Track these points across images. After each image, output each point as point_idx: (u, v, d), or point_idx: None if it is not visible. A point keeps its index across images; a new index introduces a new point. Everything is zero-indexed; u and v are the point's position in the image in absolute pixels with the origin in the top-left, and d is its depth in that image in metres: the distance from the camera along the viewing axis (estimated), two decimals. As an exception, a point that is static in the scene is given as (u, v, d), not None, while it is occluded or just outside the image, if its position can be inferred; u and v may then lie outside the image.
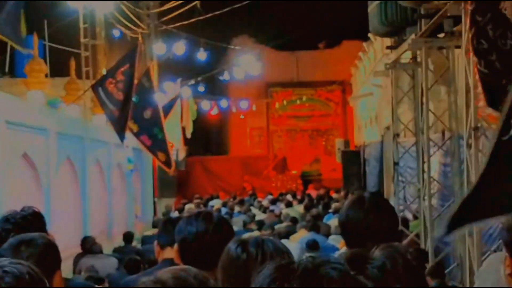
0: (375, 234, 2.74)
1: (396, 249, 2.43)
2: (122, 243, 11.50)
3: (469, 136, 7.39)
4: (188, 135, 22.74)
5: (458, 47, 9.06)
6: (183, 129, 22.19)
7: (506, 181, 4.78)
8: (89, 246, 9.64)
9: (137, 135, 13.44)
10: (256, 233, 11.22)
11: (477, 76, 5.78)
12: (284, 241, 9.66)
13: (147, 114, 13.51)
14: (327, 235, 10.97)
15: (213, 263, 2.63)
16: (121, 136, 11.65)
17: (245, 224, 13.06)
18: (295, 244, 9.65)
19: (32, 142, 10.47)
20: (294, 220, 12.93)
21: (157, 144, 13.54)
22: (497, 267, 3.18)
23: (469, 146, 7.46)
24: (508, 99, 4.74)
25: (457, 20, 8.46)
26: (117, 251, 10.83)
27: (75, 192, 12.90)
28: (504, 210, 4.98)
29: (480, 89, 5.78)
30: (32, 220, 3.18)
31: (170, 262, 3.13)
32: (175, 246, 2.84)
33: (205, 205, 18.61)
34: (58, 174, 11.61)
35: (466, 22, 7.22)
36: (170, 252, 3.12)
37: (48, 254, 2.65)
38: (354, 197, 2.97)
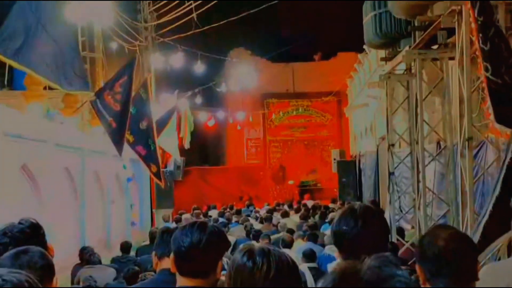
0: (366, 244, 2.82)
1: (388, 259, 2.52)
2: (120, 253, 11.55)
3: (463, 146, 7.49)
4: (187, 146, 22.86)
5: (452, 58, 9.18)
6: (181, 139, 22.31)
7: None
8: (87, 257, 9.68)
9: (132, 146, 13.50)
10: (253, 243, 11.29)
11: (486, 91, 5.82)
12: (282, 250, 9.77)
13: (143, 125, 13.58)
14: (324, 244, 11.04)
15: (208, 272, 2.76)
16: (119, 148, 11.68)
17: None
18: (292, 254, 9.73)
19: (31, 153, 10.55)
20: (290, 231, 12.99)
21: (150, 155, 13.65)
22: None
23: (462, 156, 7.56)
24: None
25: (450, 32, 8.59)
26: (115, 261, 10.87)
27: (73, 202, 12.97)
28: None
29: (489, 103, 5.81)
30: (30, 232, 3.16)
31: (167, 272, 3.20)
32: (171, 255, 2.89)
33: (205, 215, 18.66)
34: (57, 185, 11.68)
35: (459, 34, 7.36)
36: (168, 262, 3.18)
37: (44, 262, 2.70)
38: (345, 207, 3.05)
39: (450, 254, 2.67)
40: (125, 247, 11.40)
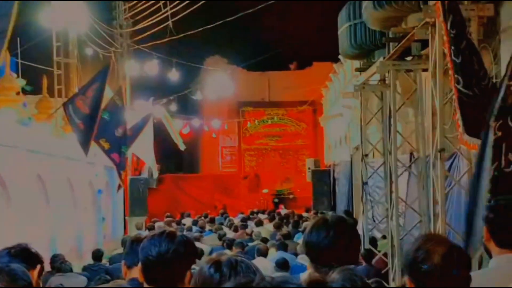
0: (338, 254, 2.82)
1: (352, 271, 2.53)
2: (92, 261, 11.45)
3: (435, 157, 7.53)
4: (182, 147, 22.80)
5: (425, 70, 9.25)
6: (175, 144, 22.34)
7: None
8: (58, 264, 9.58)
9: (108, 152, 13.44)
10: (227, 252, 11.27)
11: (456, 103, 5.84)
12: (257, 259, 9.77)
13: (119, 132, 13.52)
14: (297, 254, 11.05)
15: (175, 282, 2.74)
16: (85, 149, 11.65)
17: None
18: (266, 263, 9.73)
19: (2, 159, 10.42)
20: (264, 240, 13.00)
21: (123, 163, 13.65)
22: None
23: (434, 167, 7.60)
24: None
25: (424, 43, 8.66)
26: (86, 269, 10.78)
27: (45, 209, 12.83)
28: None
29: (459, 115, 5.82)
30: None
31: (136, 281, 3.17)
32: (139, 265, 2.87)
33: (178, 223, 18.59)
34: (28, 191, 11.55)
35: (433, 46, 7.42)
36: (137, 272, 3.15)
37: (25, 279, 2.82)
38: (318, 218, 3.05)
39: (445, 272, 2.61)
40: (97, 255, 11.31)
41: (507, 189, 4.62)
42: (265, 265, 9.46)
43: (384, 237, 12.60)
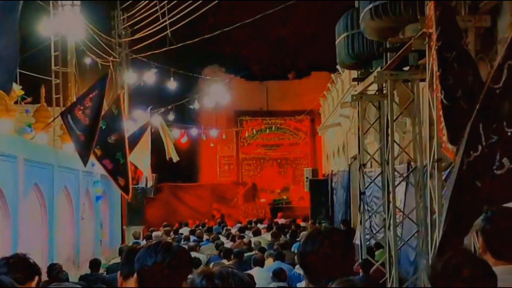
0: (332, 265, 2.83)
1: (352, 283, 2.53)
2: (89, 271, 11.43)
3: (432, 167, 7.53)
4: (175, 159, 22.54)
5: (423, 80, 9.25)
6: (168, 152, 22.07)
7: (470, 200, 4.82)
8: (55, 274, 9.56)
9: (100, 159, 13.41)
10: (224, 261, 11.26)
11: (440, 112, 5.86)
12: (254, 269, 9.75)
13: (111, 139, 13.47)
14: (295, 263, 11.03)
15: None
16: (84, 160, 11.62)
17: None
18: (262, 273, 9.71)
19: (0, 168, 10.41)
20: (262, 250, 12.97)
21: (118, 169, 13.53)
22: None
23: (432, 177, 7.60)
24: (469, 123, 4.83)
25: (421, 54, 8.67)
26: (83, 278, 10.74)
27: (42, 218, 12.80)
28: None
29: (443, 124, 5.84)
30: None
31: (132, 292, 3.17)
32: (135, 275, 2.87)
33: (176, 232, 18.58)
34: (26, 200, 11.53)
35: (430, 56, 7.43)
36: (133, 282, 3.14)
37: None
38: (311, 229, 3.06)
39: (472, 287, 2.65)
40: (94, 264, 11.28)
41: (501, 194, 4.62)
42: (262, 275, 9.45)
43: (377, 245, 12.52)
